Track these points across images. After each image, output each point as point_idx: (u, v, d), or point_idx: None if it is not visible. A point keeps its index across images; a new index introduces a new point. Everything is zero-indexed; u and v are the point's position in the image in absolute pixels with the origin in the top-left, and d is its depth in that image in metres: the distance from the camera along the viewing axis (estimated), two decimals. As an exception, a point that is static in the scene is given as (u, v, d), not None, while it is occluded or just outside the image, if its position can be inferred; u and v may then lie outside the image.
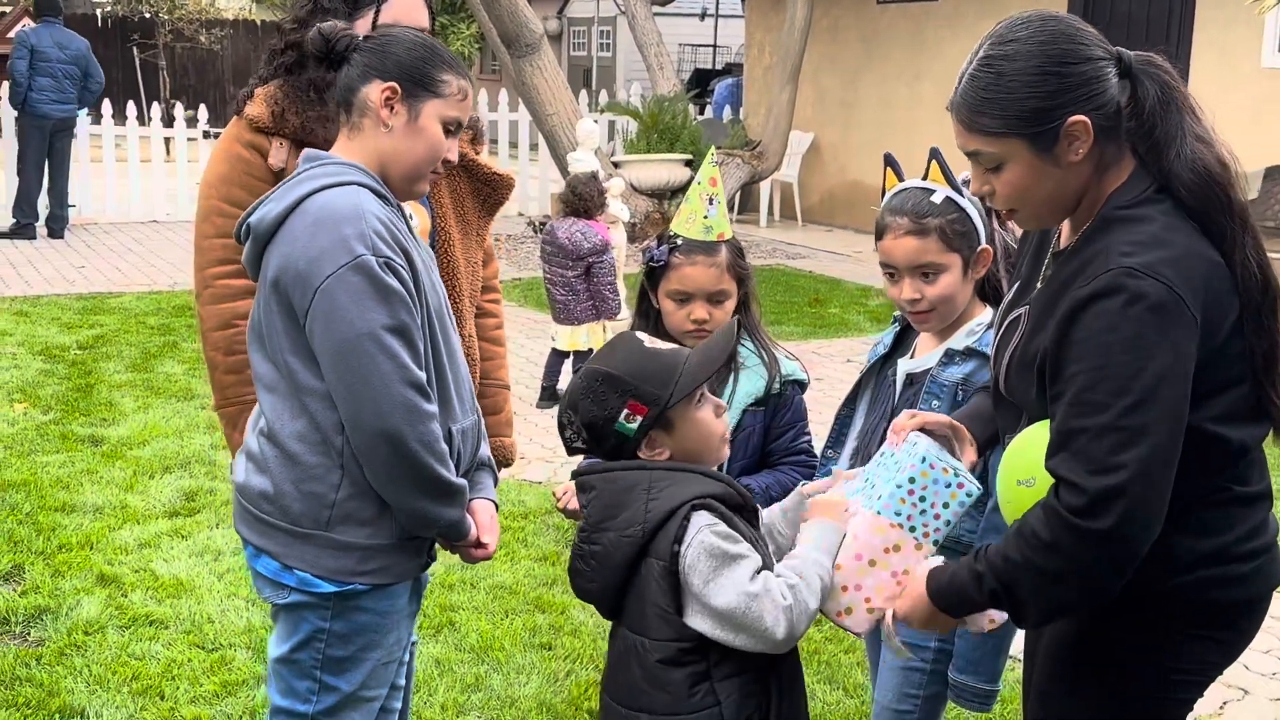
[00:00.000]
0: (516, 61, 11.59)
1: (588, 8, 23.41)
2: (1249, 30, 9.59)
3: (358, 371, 2.19)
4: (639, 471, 2.17)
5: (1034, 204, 2.02)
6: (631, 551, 2.11)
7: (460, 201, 2.89)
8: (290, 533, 2.29)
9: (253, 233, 2.30)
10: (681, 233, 2.75)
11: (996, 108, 1.95)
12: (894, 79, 13.08)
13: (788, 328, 8.75)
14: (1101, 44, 1.98)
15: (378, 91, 2.31)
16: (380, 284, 2.20)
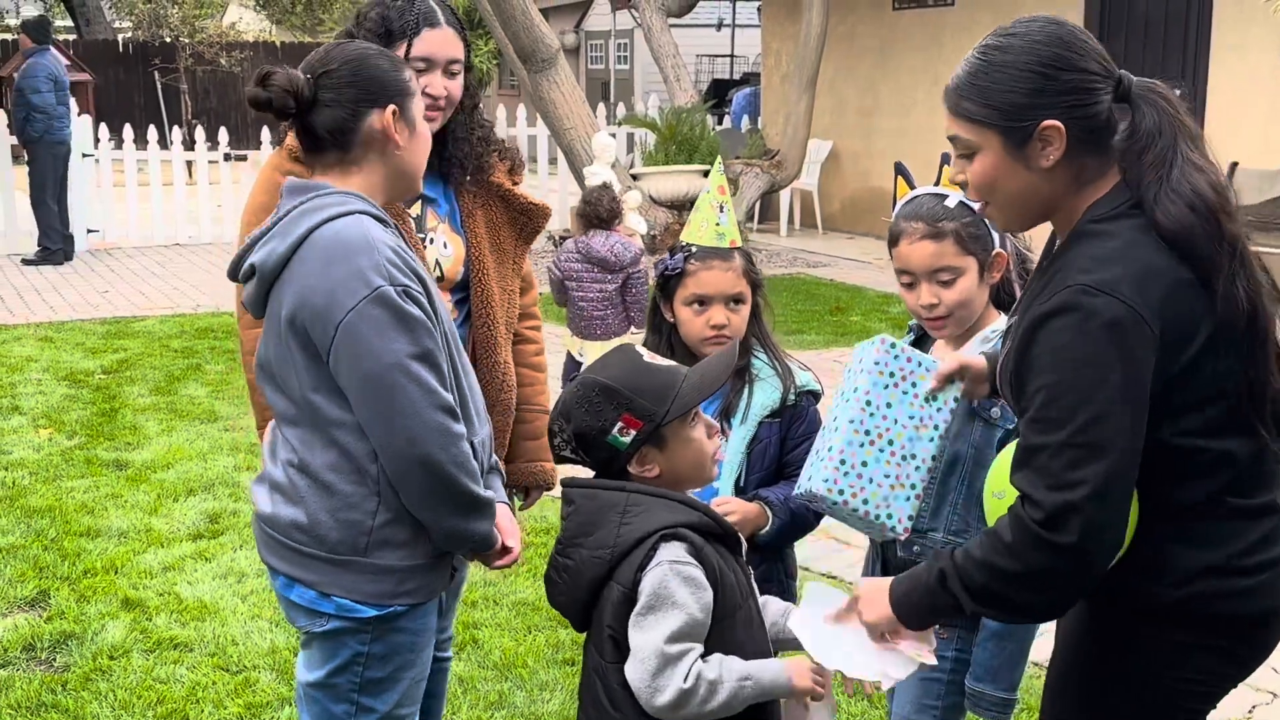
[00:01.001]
0: (533, 76, 11.62)
1: (605, 21, 23.46)
2: (1267, 29, 9.52)
3: (388, 402, 2.20)
4: (617, 493, 2.15)
5: (1001, 199, 2.03)
6: (599, 572, 2.11)
7: (496, 230, 2.90)
8: (328, 561, 2.30)
9: (259, 272, 2.27)
10: (694, 241, 2.76)
11: (979, 95, 1.97)
12: (911, 85, 13.05)
13: (809, 336, 8.73)
14: (1102, 61, 1.98)
15: (382, 119, 2.29)
16: (401, 313, 2.20)
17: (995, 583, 1.92)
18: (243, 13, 35.33)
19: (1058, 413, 1.86)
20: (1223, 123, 10.21)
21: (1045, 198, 2.00)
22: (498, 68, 23.55)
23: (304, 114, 2.29)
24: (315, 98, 2.28)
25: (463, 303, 2.88)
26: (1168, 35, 10.60)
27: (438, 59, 2.74)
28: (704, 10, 19.39)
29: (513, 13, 11.03)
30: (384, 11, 2.76)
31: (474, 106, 2.89)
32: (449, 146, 2.84)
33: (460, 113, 2.84)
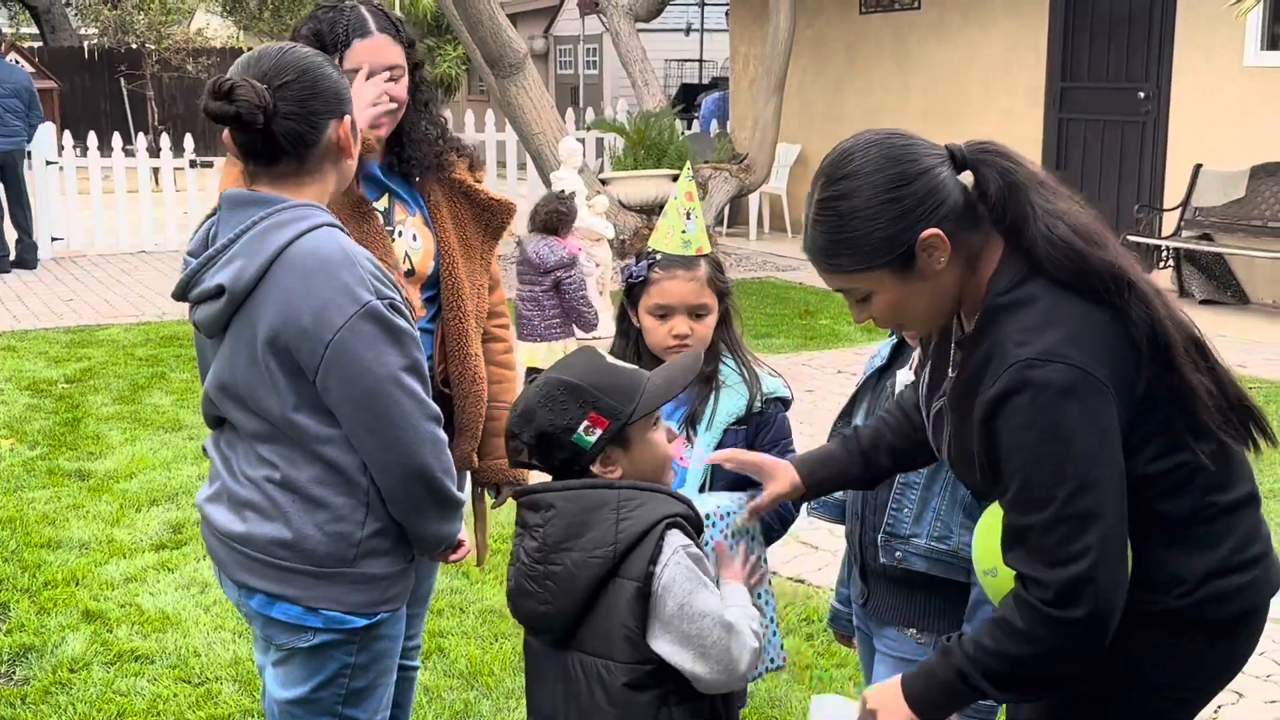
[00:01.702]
0: (501, 82, 11.59)
1: (573, 26, 23.44)
2: (1232, 29, 9.59)
3: (384, 417, 2.20)
4: (605, 490, 2.13)
5: (913, 318, 2.04)
6: (600, 573, 2.07)
7: (463, 226, 2.91)
8: (313, 575, 2.27)
9: (229, 292, 2.18)
10: (660, 248, 2.72)
11: (849, 248, 1.94)
12: (879, 88, 13.09)
13: (778, 340, 8.73)
14: (930, 149, 1.97)
15: (339, 130, 2.26)
16: (391, 326, 2.20)
17: (1020, 669, 1.90)
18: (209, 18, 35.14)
19: (1039, 491, 1.85)
20: (1187, 124, 10.28)
21: (953, 292, 2.00)
22: (466, 73, 23.48)
23: (267, 124, 2.22)
24: (275, 108, 2.21)
25: (432, 299, 2.87)
26: (1132, 37, 10.66)
27: (374, 68, 2.73)
28: (672, 15, 19.40)
29: (480, 18, 10.99)
30: (315, 26, 2.75)
31: (426, 104, 2.88)
32: (407, 147, 2.84)
33: (413, 112, 2.83)
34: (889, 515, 2.54)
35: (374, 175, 2.81)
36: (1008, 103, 11.73)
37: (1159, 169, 10.54)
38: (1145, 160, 10.67)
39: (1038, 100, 11.46)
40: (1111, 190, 10.93)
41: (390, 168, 2.85)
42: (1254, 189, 9.58)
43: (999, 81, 11.79)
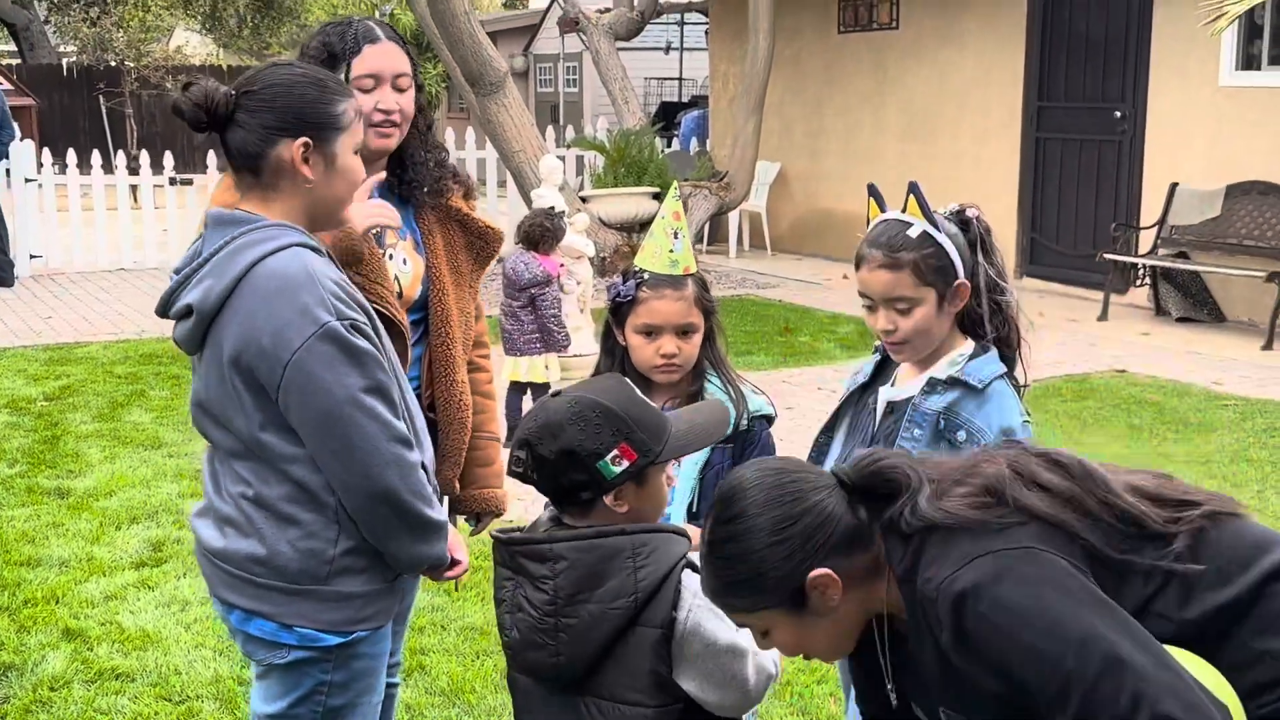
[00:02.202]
0: (481, 100, 11.62)
1: (553, 45, 23.50)
2: (1207, 49, 9.68)
3: (343, 439, 2.19)
4: (618, 538, 2.08)
5: (820, 650, 1.98)
6: (620, 624, 2.04)
7: (454, 253, 2.92)
8: (287, 591, 2.28)
9: (196, 311, 2.22)
10: (647, 267, 2.74)
11: (739, 590, 1.89)
12: (857, 107, 13.16)
13: (758, 357, 8.75)
14: (817, 480, 1.91)
15: (290, 150, 2.23)
16: (350, 347, 2.19)
17: None
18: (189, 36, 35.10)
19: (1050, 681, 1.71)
20: (1163, 144, 10.36)
21: (855, 621, 1.92)
22: (446, 91, 23.52)
23: (221, 131, 2.24)
24: (231, 116, 2.23)
25: (419, 323, 2.88)
26: (1108, 58, 10.75)
27: (384, 73, 2.75)
28: (652, 34, 19.47)
29: (460, 36, 11.02)
30: (324, 38, 2.78)
31: (428, 128, 2.91)
32: (408, 170, 2.86)
33: (415, 135, 2.85)
34: None
35: None
36: (985, 122, 11.81)
37: (1135, 188, 10.62)
38: (1122, 179, 10.75)
39: (1015, 119, 11.55)
40: (1088, 209, 11.01)
41: (390, 189, 2.87)
42: (1229, 208, 9.66)
43: (976, 101, 11.87)
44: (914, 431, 2.51)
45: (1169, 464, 6.18)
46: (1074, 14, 11.00)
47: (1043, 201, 11.46)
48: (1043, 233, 11.46)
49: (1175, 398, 7.49)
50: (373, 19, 2.85)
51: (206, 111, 2.21)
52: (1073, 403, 7.41)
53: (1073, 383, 7.92)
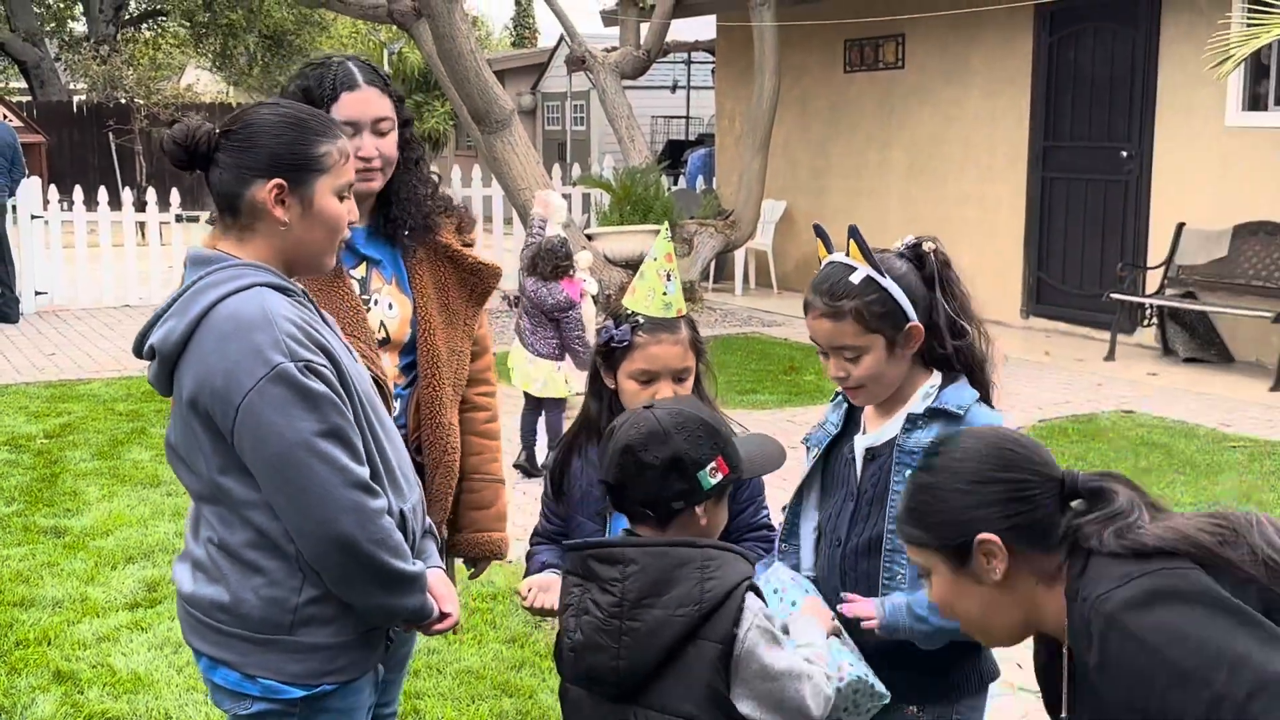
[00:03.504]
0: (487, 138, 11.63)
1: (561, 83, 23.60)
2: (1213, 90, 9.67)
3: (295, 483, 2.12)
4: (689, 549, 2.13)
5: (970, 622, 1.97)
6: (682, 631, 2.06)
7: (445, 291, 2.86)
8: (250, 640, 2.21)
9: (158, 352, 2.18)
10: (640, 310, 2.67)
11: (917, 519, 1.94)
12: (863, 146, 13.16)
13: (763, 395, 8.71)
14: (1046, 464, 1.93)
15: (264, 192, 2.18)
16: (304, 390, 2.11)
17: None
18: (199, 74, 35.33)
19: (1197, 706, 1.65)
20: (1170, 184, 10.34)
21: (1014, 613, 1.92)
22: (454, 128, 23.62)
23: (205, 170, 2.22)
24: (211, 155, 2.20)
25: (411, 366, 2.83)
26: (1114, 98, 10.74)
27: (362, 120, 2.71)
28: (659, 72, 19.53)
29: (467, 74, 11.05)
30: (303, 83, 2.75)
31: (416, 162, 2.85)
32: (393, 207, 2.80)
33: (404, 171, 2.80)
34: (883, 586, 2.44)
35: (350, 244, 2.78)
36: (991, 161, 11.80)
37: (1142, 228, 10.59)
38: (1128, 219, 10.72)
39: (1021, 159, 11.53)
40: (1095, 248, 10.98)
41: (376, 229, 2.82)
42: (1236, 248, 9.62)
43: (982, 140, 11.87)
44: (905, 473, 2.41)
45: (1176, 506, 6.10)
46: (1080, 54, 11.00)
47: (1049, 241, 11.43)
48: (1049, 272, 11.42)
49: (1183, 439, 7.42)
50: (354, 59, 2.81)
51: (187, 150, 2.18)
52: (1079, 443, 7.35)
53: (1079, 423, 7.86)
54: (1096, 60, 10.86)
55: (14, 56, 28.82)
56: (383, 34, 26.98)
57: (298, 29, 29.86)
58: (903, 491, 2.00)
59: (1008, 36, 11.48)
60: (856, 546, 2.48)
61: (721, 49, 15.28)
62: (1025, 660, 4.52)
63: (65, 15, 31.61)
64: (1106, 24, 10.72)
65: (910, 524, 1.96)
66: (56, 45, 31.03)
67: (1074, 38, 11.04)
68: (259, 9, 28.60)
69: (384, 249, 2.83)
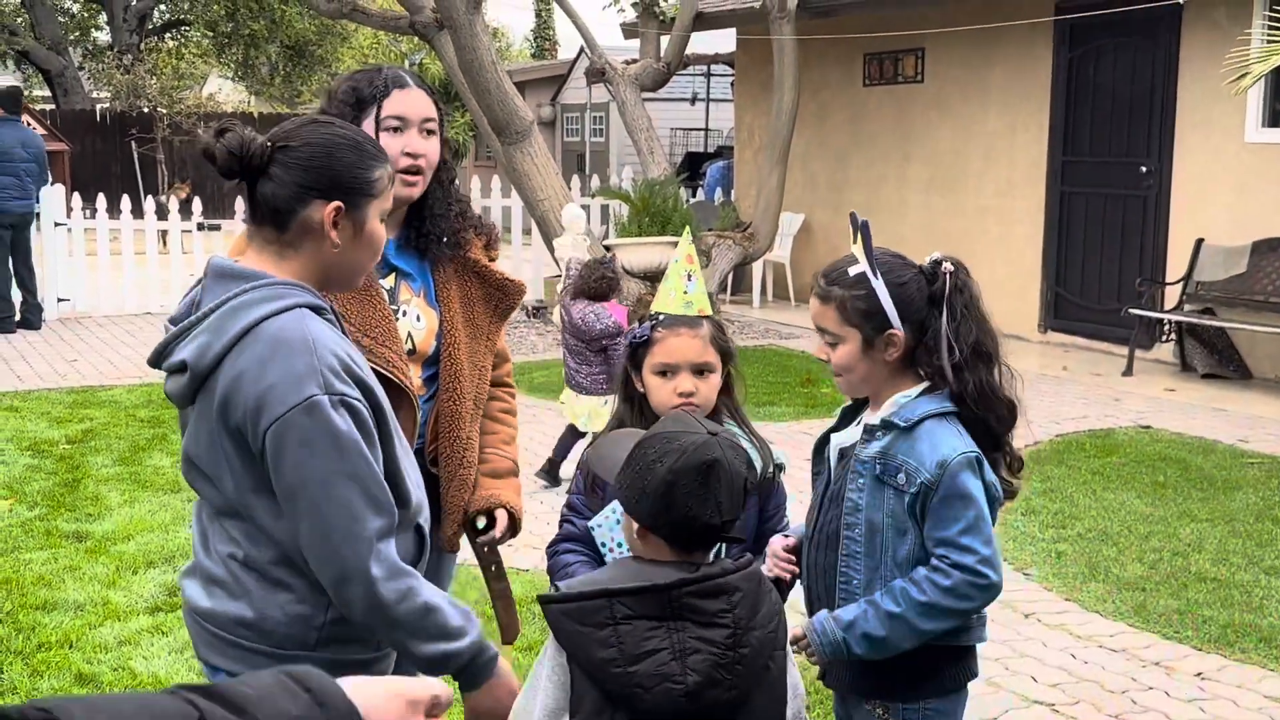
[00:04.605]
0: (507, 149, 11.70)
1: (581, 95, 23.66)
2: (1232, 106, 9.67)
3: (307, 518, 2.10)
4: (755, 565, 2.20)
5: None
6: (772, 646, 2.12)
7: (471, 306, 2.89)
8: (274, 656, 2.18)
9: (191, 369, 2.13)
10: (662, 309, 2.74)
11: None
12: (882, 160, 13.18)
13: (780, 408, 8.72)
14: None
15: (322, 213, 2.16)
16: (331, 428, 2.07)
17: None
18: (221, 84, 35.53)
19: None
20: (1189, 199, 10.33)
21: None
22: (474, 139, 23.70)
23: (251, 181, 2.18)
24: (265, 168, 2.16)
25: (433, 378, 2.86)
26: (1133, 113, 10.75)
27: (411, 117, 2.76)
28: (678, 85, 19.59)
29: (487, 86, 11.12)
30: (353, 84, 2.79)
31: (451, 181, 2.89)
32: (426, 221, 2.84)
33: (438, 187, 2.84)
34: (839, 589, 2.51)
35: (383, 255, 2.81)
36: (1010, 175, 11.81)
37: (1161, 243, 10.59)
38: (1147, 234, 10.72)
39: (1040, 173, 11.54)
40: (1113, 264, 10.97)
41: (405, 241, 2.86)
42: (1255, 264, 9.61)
43: (1001, 154, 11.88)
44: (858, 481, 2.50)
45: (1193, 522, 6.11)
46: (1099, 69, 11.01)
47: (1067, 256, 11.43)
48: (1067, 287, 11.42)
49: (1200, 455, 7.42)
50: (401, 68, 2.86)
51: (240, 160, 2.15)
52: (1096, 458, 7.35)
53: (1097, 438, 7.86)
54: (1116, 76, 10.87)
55: (38, 65, 29.05)
56: (404, 45, 27.12)
57: (319, 40, 30.04)
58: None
59: (1027, 51, 11.50)
60: (819, 542, 2.58)
61: (741, 62, 15.33)
62: (1041, 673, 4.52)
63: (89, 25, 31.87)
64: (1126, 39, 10.73)
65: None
66: (80, 54, 31.28)
67: (1094, 53, 11.05)
68: (281, 20, 28.78)
69: (413, 261, 2.86)
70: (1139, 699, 4.30)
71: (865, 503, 2.48)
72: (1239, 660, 4.60)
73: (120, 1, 28.65)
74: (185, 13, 31.25)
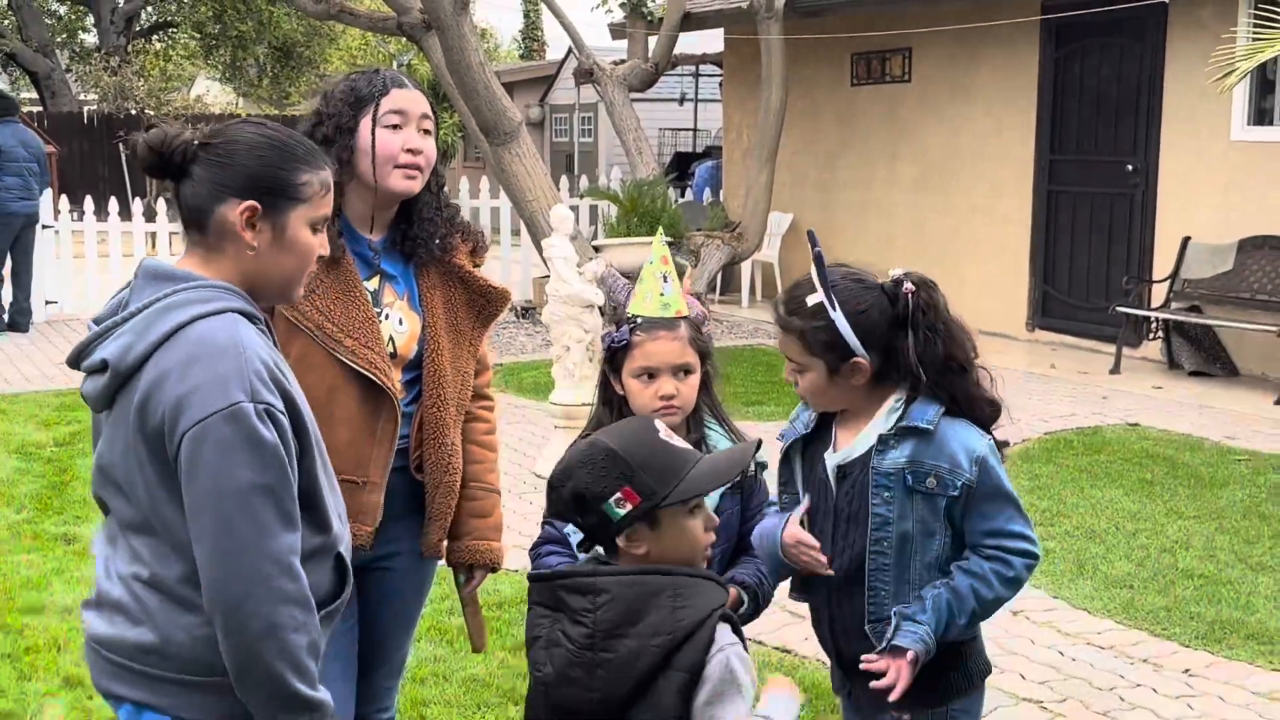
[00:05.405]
0: (495, 150, 11.69)
1: (569, 95, 23.65)
2: (1218, 104, 9.70)
3: (212, 532, 1.99)
4: (660, 577, 2.10)
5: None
6: (656, 661, 2.04)
7: (454, 311, 2.89)
8: (182, 683, 2.08)
9: (112, 368, 2.04)
10: (639, 312, 2.74)
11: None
12: (870, 159, 13.20)
13: (769, 407, 8.73)
14: None
15: (235, 213, 2.08)
16: (254, 437, 1.98)
17: None
18: (209, 85, 35.47)
19: None
20: (1175, 197, 10.37)
21: None
22: (462, 140, 23.68)
23: (176, 180, 2.11)
24: (187, 167, 2.10)
25: (414, 382, 2.86)
26: (1120, 111, 10.78)
27: (410, 112, 2.78)
28: (667, 85, 19.59)
29: (475, 86, 11.11)
30: (351, 83, 2.82)
31: (440, 186, 2.90)
32: (414, 224, 2.85)
33: (426, 191, 2.85)
34: (869, 605, 2.48)
35: (365, 256, 2.82)
36: (997, 174, 11.83)
37: (1147, 241, 10.62)
38: (1134, 232, 10.75)
39: (1027, 172, 11.57)
40: (1101, 262, 11.00)
41: (392, 243, 2.86)
42: (1242, 262, 9.65)
43: (989, 153, 11.90)
44: (884, 495, 2.46)
45: (1180, 519, 6.14)
46: (1086, 68, 11.05)
47: (1055, 254, 11.46)
48: (1055, 285, 11.45)
49: (1187, 452, 7.44)
50: (398, 72, 2.89)
51: (161, 157, 2.08)
52: (1084, 456, 7.37)
53: (1084, 435, 7.88)
54: (1102, 75, 10.90)
55: (25, 67, 28.96)
56: (392, 46, 27.09)
57: (307, 41, 30.02)
58: None
59: (1014, 51, 11.52)
60: (842, 566, 2.51)
61: (729, 62, 15.34)
62: (1029, 671, 4.54)
63: (76, 27, 31.80)
64: (1112, 39, 10.77)
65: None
66: (67, 56, 31.20)
67: (1080, 52, 11.08)
68: (269, 21, 28.74)
69: (398, 264, 2.87)
70: (1127, 696, 4.32)
71: (895, 515, 2.44)
72: (1226, 657, 4.62)
73: (107, 3, 28.59)
74: (172, 14, 31.18)
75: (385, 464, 2.76)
